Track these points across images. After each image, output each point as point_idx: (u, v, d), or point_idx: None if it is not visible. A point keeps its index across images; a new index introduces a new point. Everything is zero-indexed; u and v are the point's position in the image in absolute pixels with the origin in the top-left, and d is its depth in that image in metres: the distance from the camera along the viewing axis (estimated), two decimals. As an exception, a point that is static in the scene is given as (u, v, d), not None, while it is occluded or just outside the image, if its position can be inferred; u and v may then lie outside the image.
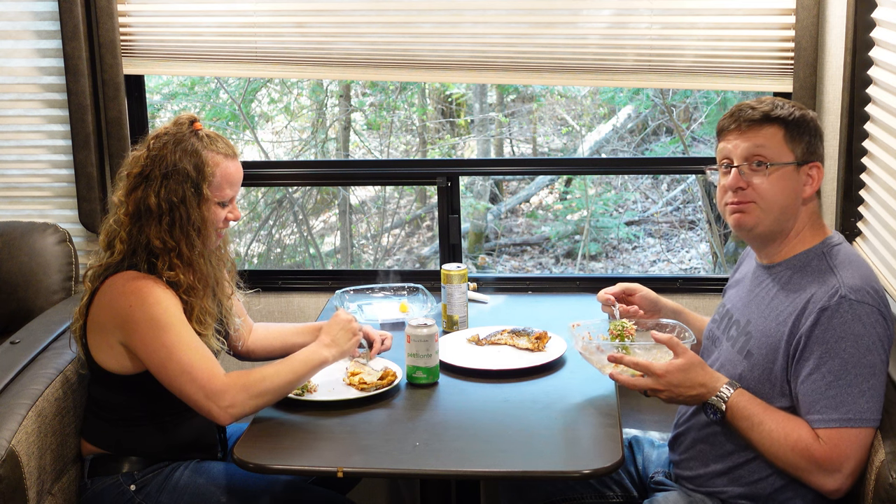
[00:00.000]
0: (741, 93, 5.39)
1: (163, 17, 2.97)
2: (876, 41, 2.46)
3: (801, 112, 1.93)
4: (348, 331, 2.14)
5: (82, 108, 2.92)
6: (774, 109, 1.91)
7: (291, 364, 2.05)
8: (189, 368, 1.98)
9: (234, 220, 2.17)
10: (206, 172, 2.09)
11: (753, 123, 1.92)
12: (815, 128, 1.94)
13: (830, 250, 1.90)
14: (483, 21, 2.85)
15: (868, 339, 1.76)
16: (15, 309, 2.78)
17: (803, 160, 1.91)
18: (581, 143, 6.17)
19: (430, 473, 1.89)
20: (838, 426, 1.75)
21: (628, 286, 2.27)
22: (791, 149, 1.91)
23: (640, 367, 1.90)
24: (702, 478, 1.99)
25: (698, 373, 1.88)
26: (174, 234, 2.07)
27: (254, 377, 1.99)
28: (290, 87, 5.93)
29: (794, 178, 1.91)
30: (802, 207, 1.93)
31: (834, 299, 1.78)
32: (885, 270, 2.34)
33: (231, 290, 2.30)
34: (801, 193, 1.92)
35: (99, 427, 2.16)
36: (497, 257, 6.09)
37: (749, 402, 1.84)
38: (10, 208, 3.10)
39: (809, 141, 1.92)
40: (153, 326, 2.01)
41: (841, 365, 1.76)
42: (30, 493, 1.98)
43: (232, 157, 2.14)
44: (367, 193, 6.23)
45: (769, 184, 1.90)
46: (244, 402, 1.97)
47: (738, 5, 2.74)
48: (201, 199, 2.09)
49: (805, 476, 1.79)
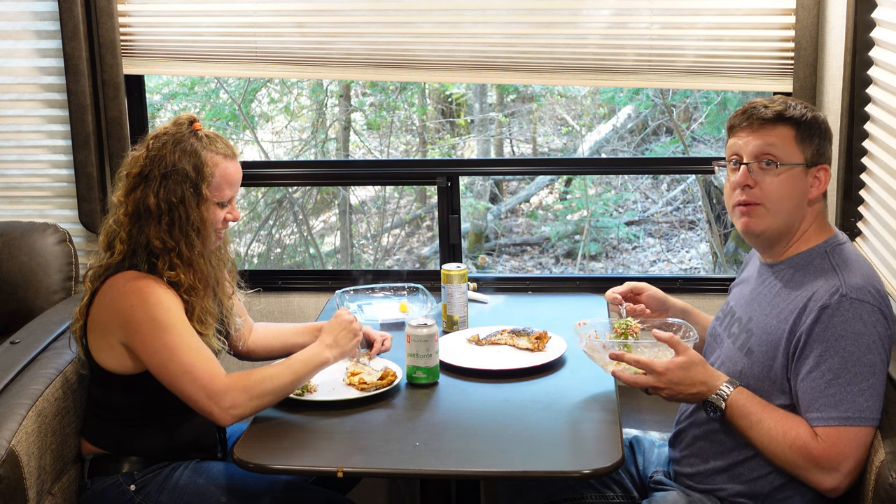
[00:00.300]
0: (741, 93, 5.39)
1: (163, 17, 2.97)
2: (876, 41, 2.46)
3: (814, 114, 1.93)
4: (350, 331, 2.14)
5: (82, 108, 2.92)
6: (787, 109, 1.91)
7: (292, 365, 2.05)
8: (190, 369, 1.98)
9: (232, 220, 2.17)
10: (206, 173, 2.09)
11: (766, 122, 1.91)
12: (826, 130, 1.94)
13: (833, 249, 1.90)
14: (483, 21, 2.85)
15: (868, 337, 1.77)
16: (15, 309, 2.78)
17: (812, 162, 1.91)
18: (581, 143, 6.17)
19: (430, 473, 1.89)
20: (837, 424, 1.75)
21: (636, 285, 2.27)
22: (801, 150, 1.91)
23: (641, 365, 1.91)
24: (701, 475, 1.99)
25: (699, 371, 1.88)
26: (174, 235, 2.07)
27: (255, 378, 1.99)
28: (290, 87, 5.93)
29: (802, 180, 1.91)
30: (808, 209, 1.93)
31: (835, 297, 1.79)
32: (885, 270, 2.34)
33: (232, 289, 2.30)
34: (807, 195, 1.92)
35: (99, 427, 2.16)
36: (497, 257, 6.09)
37: (748, 401, 1.85)
38: (10, 208, 3.10)
39: (819, 143, 1.92)
40: (154, 327, 2.01)
41: (841, 363, 1.76)
42: (30, 493, 1.98)
43: (231, 157, 2.14)
44: (367, 193, 6.23)
45: (778, 184, 1.90)
46: (245, 403, 1.97)
47: (738, 5, 2.74)
48: (200, 200, 2.09)
49: (803, 474, 1.79)
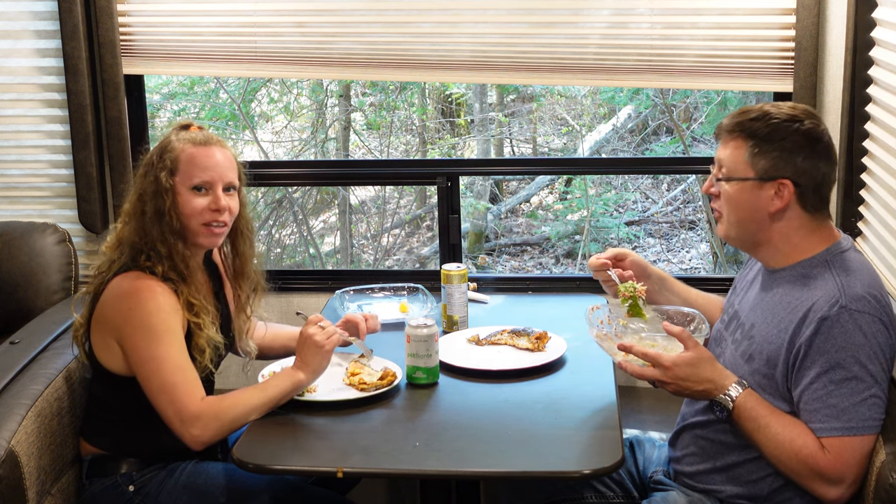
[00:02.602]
0: (741, 93, 5.39)
1: (163, 17, 2.97)
2: (876, 41, 2.45)
3: (779, 125, 1.85)
4: (313, 346, 2.06)
5: (82, 108, 2.92)
6: (749, 121, 1.87)
7: (266, 390, 2.03)
8: (171, 388, 1.99)
9: (216, 209, 2.12)
10: (169, 159, 2.10)
11: (727, 133, 1.91)
12: (796, 142, 1.85)
13: (835, 258, 1.87)
14: (483, 21, 2.84)
15: (869, 348, 1.75)
16: (15, 309, 2.78)
17: (767, 176, 1.86)
18: (581, 143, 6.17)
19: (430, 473, 1.89)
20: (840, 435, 1.74)
21: (619, 251, 2.25)
22: (752, 164, 1.86)
23: (648, 358, 1.89)
24: (700, 475, 1.99)
25: (706, 368, 1.87)
26: (149, 228, 2.09)
27: (226, 404, 2.00)
28: (290, 87, 5.93)
29: (754, 194, 1.87)
30: (775, 223, 1.88)
31: (834, 309, 1.77)
32: (886, 270, 2.34)
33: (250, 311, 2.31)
34: (766, 209, 1.87)
35: (98, 427, 2.16)
36: (497, 257, 6.09)
37: (757, 404, 1.83)
38: (10, 208, 3.10)
39: (780, 156, 1.85)
40: (147, 335, 2.01)
41: (842, 375, 1.74)
42: (29, 493, 1.98)
43: (203, 143, 2.13)
44: (367, 193, 6.23)
45: (728, 196, 1.90)
46: (215, 430, 1.98)
47: (739, 5, 2.74)
48: (171, 189, 2.09)
49: (806, 483, 1.78)
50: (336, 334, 2.10)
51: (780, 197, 1.86)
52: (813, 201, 1.87)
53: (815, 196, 1.87)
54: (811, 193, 1.87)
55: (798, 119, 1.86)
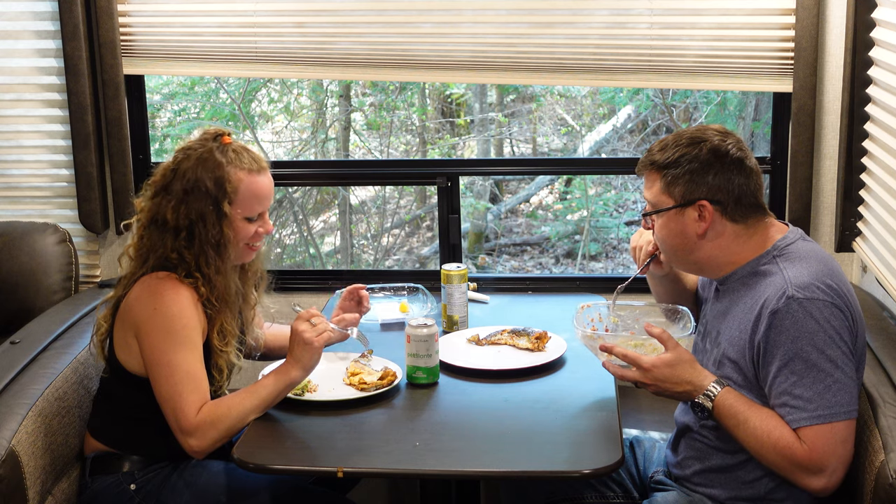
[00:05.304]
0: (741, 93, 5.39)
1: (163, 17, 2.97)
2: (876, 41, 2.46)
3: (688, 149, 1.91)
4: (302, 343, 2.03)
5: (82, 109, 2.92)
6: (657, 152, 1.95)
7: (259, 393, 2.03)
8: (178, 398, 1.99)
9: (265, 233, 2.17)
10: (227, 189, 2.07)
11: (643, 171, 1.99)
12: (702, 163, 1.90)
13: (781, 252, 1.89)
14: (483, 21, 2.85)
15: (824, 333, 1.76)
16: (15, 309, 2.78)
17: (685, 201, 1.91)
18: (581, 143, 6.17)
19: (430, 473, 1.89)
20: (809, 424, 1.75)
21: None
22: (669, 193, 1.93)
23: (627, 360, 1.91)
24: (698, 477, 1.99)
25: (686, 370, 1.88)
26: (192, 250, 2.08)
27: (221, 411, 2.00)
28: (290, 87, 5.93)
29: (679, 221, 1.93)
30: (707, 243, 1.93)
31: (782, 301, 1.79)
32: (886, 270, 2.34)
33: (255, 301, 2.31)
34: (694, 231, 1.92)
35: (107, 424, 2.17)
36: (497, 257, 6.09)
37: (736, 400, 1.84)
38: (10, 208, 3.10)
39: (691, 180, 1.90)
40: (167, 339, 2.02)
41: (802, 365, 1.76)
42: (30, 493, 1.98)
43: (257, 171, 2.12)
44: (367, 193, 6.23)
45: (658, 228, 1.97)
46: (214, 439, 1.99)
47: (739, 5, 2.74)
48: (222, 217, 2.08)
49: (790, 476, 1.79)
50: (327, 331, 2.05)
51: (703, 218, 1.91)
52: (739, 212, 1.91)
53: (739, 207, 1.91)
54: (733, 206, 1.91)
55: (701, 140, 1.92)
